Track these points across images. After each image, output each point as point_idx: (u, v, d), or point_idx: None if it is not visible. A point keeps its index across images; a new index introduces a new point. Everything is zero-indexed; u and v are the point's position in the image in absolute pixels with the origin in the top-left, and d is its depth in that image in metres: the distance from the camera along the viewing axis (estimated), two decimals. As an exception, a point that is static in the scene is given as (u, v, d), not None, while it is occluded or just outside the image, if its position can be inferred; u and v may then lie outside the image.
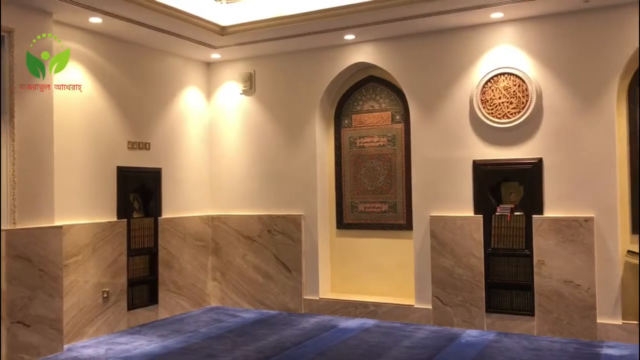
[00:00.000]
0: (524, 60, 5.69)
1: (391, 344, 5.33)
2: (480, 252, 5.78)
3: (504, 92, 5.72)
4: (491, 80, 5.78)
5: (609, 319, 5.30)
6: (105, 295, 5.82)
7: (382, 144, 6.68)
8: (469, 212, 5.88)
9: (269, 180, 7.01)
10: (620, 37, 5.29)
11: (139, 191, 6.40)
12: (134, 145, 6.31)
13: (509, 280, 5.70)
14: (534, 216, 5.58)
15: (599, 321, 5.32)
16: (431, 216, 6.03)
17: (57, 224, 5.22)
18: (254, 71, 7.10)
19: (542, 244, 5.52)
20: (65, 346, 5.28)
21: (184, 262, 6.85)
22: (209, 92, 7.42)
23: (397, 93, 6.55)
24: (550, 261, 5.48)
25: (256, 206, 7.07)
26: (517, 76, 5.67)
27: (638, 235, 5.36)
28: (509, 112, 5.70)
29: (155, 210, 6.50)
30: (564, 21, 5.52)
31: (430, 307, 6.03)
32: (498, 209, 5.78)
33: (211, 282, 7.26)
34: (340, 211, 6.91)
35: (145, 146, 6.44)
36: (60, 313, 5.15)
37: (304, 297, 6.73)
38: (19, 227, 4.87)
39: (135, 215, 6.31)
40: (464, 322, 5.85)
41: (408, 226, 6.42)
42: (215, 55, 7.04)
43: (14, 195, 4.86)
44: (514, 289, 5.69)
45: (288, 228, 6.82)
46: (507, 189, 5.89)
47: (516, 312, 5.66)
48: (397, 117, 6.61)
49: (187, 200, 7.01)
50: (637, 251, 5.33)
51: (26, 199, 4.95)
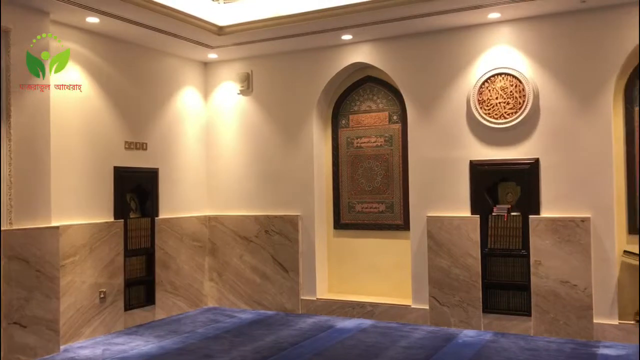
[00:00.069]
0: (521, 61, 5.70)
1: (388, 344, 5.34)
2: (477, 253, 5.79)
3: (501, 92, 5.73)
4: (488, 81, 5.78)
5: (605, 319, 5.31)
6: (102, 296, 5.81)
7: (379, 144, 6.68)
8: (466, 213, 5.89)
9: (266, 180, 7.00)
10: (617, 37, 5.30)
11: (135, 191, 6.39)
12: (131, 146, 6.30)
13: (505, 280, 5.71)
14: (530, 216, 5.59)
15: (595, 321, 5.33)
16: (428, 216, 6.03)
17: (54, 224, 5.21)
18: (252, 71, 7.10)
19: (539, 244, 5.53)
20: (62, 347, 5.26)
21: (181, 263, 6.84)
22: (206, 92, 7.41)
23: (395, 93, 6.55)
24: (547, 261, 5.49)
25: (253, 206, 7.07)
26: (514, 76, 5.67)
27: (636, 235, 5.37)
28: (506, 112, 5.71)
29: (152, 211, 6.49)
30: (561, 21, 5.53)
31: (427, 307, 6.03)
32: (495, 209, 5.79)
33: (208, 283, 7.25)
34: (337, 211, 6.91)
35: (142, 146, 6.43)
36: (57, 314, 5.14)
37: (301, 297, 6.73)
38: (15, 227, 4.85)
39: (132, 215, 6.30)
40: (461, 323, 5.85)
41: (405, 226, 6.43)
42: (213, 55, 7.03)
43: (10, 196, 4.85)
44: (510, 289, 5.70)
45: (285, 228, 6.82)
46: (504, 189, 5.90)
47: (513, 312, 5.67)
48: (395, 117, 6.61)
49: (184, 201, 7.01)
50: (634, 251, 5.34)
51: (23, 199, 4.94)
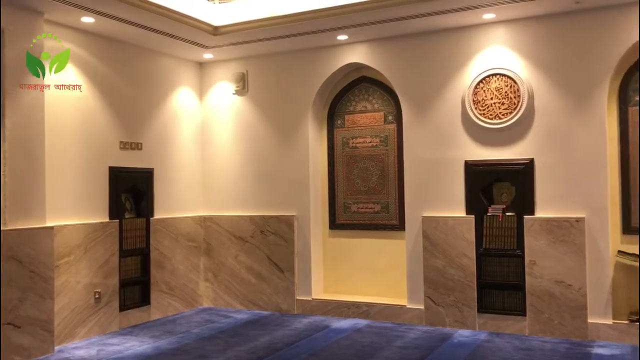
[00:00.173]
0: (515, 61, 5.71)
1: (383, 344, 5.34)
2: (472, 253, 5.80)
3: (495, 92, 5.74)
4: (483, 81, 5.80)
5: (600, 318, 5.33)
6: (97, 296, 5.80)
7: (374, 144, 6.69)
8: (461, 213, 5.90)
9: (262, 180, 7.00)
10: (611, 38, 5.32)
11: (130, 191, 6.38)
12: (126, 146, 6.29)
13: (500, 280, 5.73)
14: (525, 216, 5.60)
15: (590, 321, 5.34)
16: (423, 216, 6.04)
17: (49, 224, 5.19)
18: (247, 71, 7.09)
19: (534, 244, 5.54)
20: (57, 347, 5.25)
21: (176, 263, 6.83)
22: (201, 92, 7.40)
23: (390, 94, 6.56)
24: (541, 261, 5.51)
25: (248, 207, 7.06)
26: (508, 77, 5.69)
27: (630, 236, 5.40)
28: (500, 112, 5.72)
29: (147, 211, 6.48)
30: (555, 22, 5.55)
31: (423, 307, 6.04)
32: (490, 210, 5.80)
33: (203, 283, 7.24)
34: (333, 212, 6.91)
35: (137, 146, 6.42)
36: (52, 314, 5.13)
37: (297, 297, 6.72)
38: (9, 227, 4.83)
39: (127, 215, 6.29)
40: (456, 322, 5.86)
41: (400, 226, 6.43)
42: (208, 55, 7.02)
43: (4, 196, 4.83)
44: (505, 289, 5.71)
45: (280, 228, 6.81)
46: (498, 190, 5.91)
47: (508, 312, 5.68)
48: (390, 117, 6.62)
49: (179, 201, 6.99)
50: (628, 251, 5.36)
51: (17, 199, 4.92)
